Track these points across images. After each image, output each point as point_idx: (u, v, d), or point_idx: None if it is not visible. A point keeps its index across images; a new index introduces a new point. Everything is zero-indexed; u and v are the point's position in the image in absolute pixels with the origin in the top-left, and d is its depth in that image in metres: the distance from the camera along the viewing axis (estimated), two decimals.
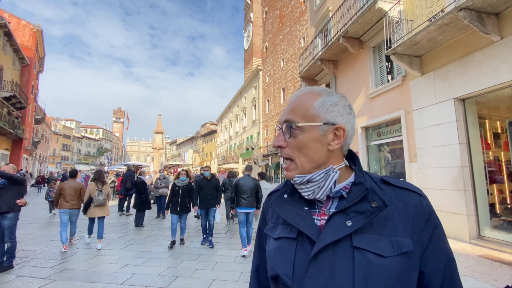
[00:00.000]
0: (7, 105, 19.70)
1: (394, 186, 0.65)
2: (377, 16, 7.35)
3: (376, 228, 0.59)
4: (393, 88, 7.31)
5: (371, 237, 0.58)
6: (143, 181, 7.71)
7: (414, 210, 0.61)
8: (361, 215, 0.59)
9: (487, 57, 4.80)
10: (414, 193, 0.64)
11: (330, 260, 0.58)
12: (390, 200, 0.62)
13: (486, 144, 5.60)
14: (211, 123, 55.14)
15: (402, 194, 0.64)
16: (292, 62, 19.28)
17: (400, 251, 0.57)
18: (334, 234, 0.58)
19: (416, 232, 0.60)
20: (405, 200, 0.63)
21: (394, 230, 0.59)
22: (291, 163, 0.67)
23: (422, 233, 0.61)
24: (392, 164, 7.63)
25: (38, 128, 33.90)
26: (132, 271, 4.00)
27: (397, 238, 0.58)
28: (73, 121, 70.20)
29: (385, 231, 0.59)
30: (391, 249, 0.57)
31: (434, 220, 0.63)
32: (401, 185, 0.66)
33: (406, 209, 0.61)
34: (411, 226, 0.60)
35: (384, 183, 0.67)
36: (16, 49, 21.19)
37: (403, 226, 0.60)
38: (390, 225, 0.60)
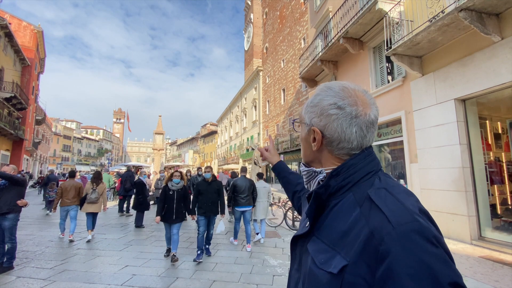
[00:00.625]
0: (8, 106, 19.72)
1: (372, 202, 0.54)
2: (378, 16, 7.35)
3: (331, 239, 0.56)
4: (393, 89, 7.30)
5: (321, 245, 0.58)
6: (141, 182, 7.71)
7: (369, 235, 0.49)
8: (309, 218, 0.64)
9: (488, 58, 4.80)
10: (381, 215, 0.51)
11: (299, 250, 0.66)
12: (359, 216, 0.54)
13: (487, 144, 5.59)
14: (212, 123, 55.17)
15: (371, 212, 0.53)
16: (292, 63, 19.29)
17: (328, 268, 0.53)
18: (299, 230, 0.68)
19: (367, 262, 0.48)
20: (367, 221, 0.52)
21: (344, 247, 0.53)
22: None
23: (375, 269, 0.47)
24: (392, 165, 7.62)
25: (39, 129, 33.93)
26: (132, 272, 3.99)
27: (339, 256, 0.52)
28: (73, 121, 70.27)
29: (337, 245, 0.54)
30: (328, 264, 0.54)
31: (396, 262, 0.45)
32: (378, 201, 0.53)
33: (362, 230, 0.51)
34: (359, 252, 0.50)
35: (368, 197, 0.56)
36: (17, 50, 21.23)
37: (352, 248, 0.51)
38: (344, 241, 0.54)
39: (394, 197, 0.54)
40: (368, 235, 0.49)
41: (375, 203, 0.53)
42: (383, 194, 0.55)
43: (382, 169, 0.65)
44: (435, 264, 0.44)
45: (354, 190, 0.59)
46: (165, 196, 4.63)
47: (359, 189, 0.59)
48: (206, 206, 4.77)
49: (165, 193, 4.68)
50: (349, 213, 0.56)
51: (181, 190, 4.75)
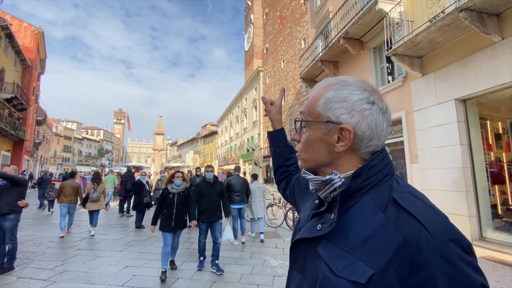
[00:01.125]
0: (9, 106, 19.75)
1: (400, 207, 0.52)
2: (378, 17, 7.35)
3: (349, 244, 0.53)
4: (394, 89, 7.30)
5: (336, 251, 0.54)
6: (139, 182, 7.72)
7: (402, 244, 0.47)
8: (327, 223, 0.58)
9: (488, 58, 4.79)
10: (416, 223, 0.48)
11: (303, 253, 0.63)
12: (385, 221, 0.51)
13: (488, 145, 5.58)
14: (212, 124, 55.20)
15: (401, 219, 0.50)
16: (292, 63, 19.29)
17: (351, 277, 0.49)
18: (305, 232, 0.63)
19: (397, 271, 0.46)
20: (398, 228, 0.49)
21: (367, 254, 0.50)
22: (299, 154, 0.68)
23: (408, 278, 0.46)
24: (393, 165, 7.62)
25: (39, 129, 33.98)
26: (132, 272, 3.99)
27: (362, 263, 0.49)
28: (74, 122, 70.38)
29: (358, 251, 0.51)
30: (349, 271, 0.50)
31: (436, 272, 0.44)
32: (409, 208, 0.50)
33: (391, 238, 0.49)
34: (388, 261, 0.47)
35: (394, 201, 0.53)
36: (17, 51, 21.27)
37: (378, 256, 0.48)
38: (366, 248, 0.50)
39: (424, 202, 0.52)
40: (400, 243, 0.47)
41: (404, 208, 0.51)
42: (411, 199, 0.53)
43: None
44: (472, 274, 0.45)
45: (372, 193, 0.56)
46: (164, 200, 4.04)
47: (377, 192, 0.56)
48: (209, 211, 4.15)
49: (163, 196, 4.07)
50: (370, 217, 0.53)
51: (183, 193, 4.17)
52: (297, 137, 0.69)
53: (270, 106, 1.05)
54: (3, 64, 18.90)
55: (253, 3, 35.68)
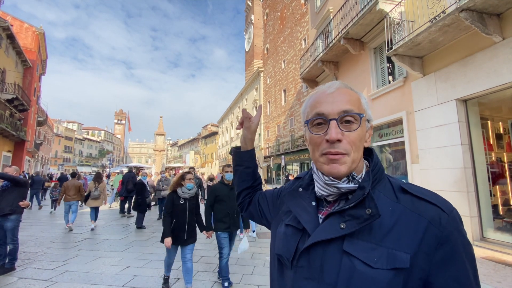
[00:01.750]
0: (10, 107, 19.80)
1: (412, 195, 0.59)
2: (378, 17, 7.35)
3: (375, 236, 0.56)
4: (394, 89, 7.30)
5: (365, 245, 0.56)
6: (141, 182, 7.74)
7: (428, 226, 0.55)
8: (355, 220, 0.58)
9: (489, 58, 4.79)
10: (434, 206, 0.57)
11: (320, 256, 0.59)
12: (403, 210, 0.57)
13: (489, 145, 5.57)
14: (213, 124, 55.23)
15: (419, 206, 0.58)
16: (293, 64, 19.30)
17: (392, 265, 0.53)
18: (325, 233, 0.59)
19: (424, 250, 0.54)
20: (420, 213, 0.57)
21: (396, 242, 0.55)
22: (343, 156, 0.61)
23: (433, 254, 0.54)
24: (394, 165, 7.61)
25: (40, 130, 34.05)
26: (133, 273, 4.00)
27: (395, 251, 0.54)
28: (75, 123, 70.52)
29: (385, 241, 0.55)
30: (384, 261, 0.53)
31: (456, 242, 0.55)
32: (421, 195, 0.59)
33: (418, 223, 0.55)
34: (418, 243, 0.54)
35: (403, 191, 0.61)
36: (18, 52, 21.32)
37: (408, 241, 0.54)
38: (393, 236, 0.55)
39: (426, 189, 0.62)
40: (426, 226, 0.55)
41: (418, 196, 0.59)
42: (415, 187, 0.62)
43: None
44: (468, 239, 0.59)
45: (378, 187, 0.62)
46: (173, 206, 3.35)
47: (381, 185, 0.63)
48: (229, 219, 3.52)
49: (172, 202, 3.36)
50: (386, 208, 0.58)
51: (193, 198, 3.55)
52: (340, 136, 0.61)
53: (249, 122, 0.97)
54: (4, 65, 18.95)
55: (253, 3, 35.72)
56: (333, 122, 0.61)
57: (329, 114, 0.62)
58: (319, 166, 0.64)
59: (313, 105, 0.66)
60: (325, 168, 0.62)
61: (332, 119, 0.61)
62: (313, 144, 0.65)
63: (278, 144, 20.66)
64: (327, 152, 0.62)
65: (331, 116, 0.62)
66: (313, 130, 0.65)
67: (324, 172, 0.63)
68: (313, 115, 0.65)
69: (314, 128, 0.65)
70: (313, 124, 0.65)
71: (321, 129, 0.63)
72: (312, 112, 0.65)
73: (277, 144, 20.98)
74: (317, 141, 0.64)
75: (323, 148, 0.62)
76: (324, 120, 0.63)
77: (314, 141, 0.64)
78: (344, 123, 0.62)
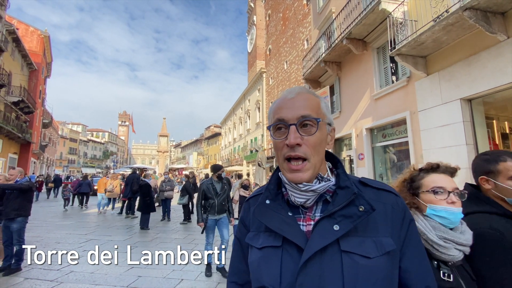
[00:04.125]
0: (16, 109, 20.06)
1: (372, 188, 0.67)
2: (381, 17, 7.32)
3: (359, 230, 0.61)
4: (398, 89, 7.26)
5: (356, 240, 0.59)
6: (147, 184, 7.77)
7: (392, 210, 0.64)
8: (348, 219, 0.59)
9: (494, 57, 4.74)
10: (390, 193, 0.67)
11: (318, 266, 0.57)
12: (366, 202, 0.62)
13: (494, 145, 5.51)
14: (215, 125, 55.33)
15: (380, 195, 0.66)
16: (295, 64, 19.29)
17: (383, 251, 0.59)
18: (322, 240, 0.58)
19: (395, 230, 0.63)
20: (384, 201, 0.65)
21: (375, 231, 0.61)
22: (304, 163, 0.61)
23: (400, 231, 0.63)
24: (397, 165, 7.56)
25: (46, 132, 34.41)
26: (137, 273, 4.02)
27: (379, 238, 0.60)
28: (79, 124, 71.12)
29: (367, 232, 0.61)
30: (375, 249, 0.59)
31: (409, 217, 0.67)
32: (379, 186, 0.68)
33: (385, 210, 0.63)
34: (390, 226, 0.62)
35: (363, 184, 0.68)
36: (24, 55, 21.61)
37: (383, 227, 0.62)
38: (372, 227, 0.61)
39: (376, 180, 0.72)
40: (391, 211, 0.64)
41: (376, 187, 0.67)
42: (371, 180, 0.70)
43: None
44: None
45: (339, 184, 0.66)
46: None
47: (341, 181, 0.66)
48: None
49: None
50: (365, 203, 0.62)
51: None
52: (300, 140, 0.62)
53: None
54: (10, 68, 19.21)
55: (255, 4, 35.78)
56: (292, 127, 0.62)
57: (289, 120, 0.63)
58: (283, 173, 0.66)
59: (275, 111, 0.67)
60: (288, 176, 0.63)
61: (292, 124, 0.62)
62: (276, 148, 0.66)
63: None
64: (288, 156, 0.62)
65: (291, 121, 0.63)
66: (275, 135, 0.65)
67: (287, 179, 0.64)
68: (275, 121, 0.65)
69: (276, 133, 0.66)
70: (275, 129, 0.66)
71: (282, 134, 0.64)
72: (274, 117, 0.66)
73: None
74: (279, 145, 0.64)
75: (284, 152, 0.63)
76: (284, 125, 0.64)
77: (277, 146, 0.65)
78: (303, 127, 0.63)
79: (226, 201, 4.23)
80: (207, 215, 4.06)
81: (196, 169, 35.48)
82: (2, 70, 16.75)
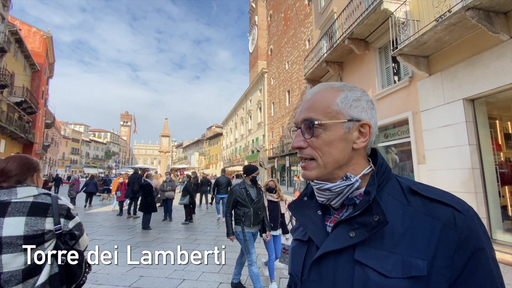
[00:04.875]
0: (18, 110, 20.19)
1: (423, 197, 0.55)
2: (383, 17, 7.30)
3: (387, 243, 0.53)
4: (400, 89, 7.24)
5: (377, 253, 0.53)
6: (148, 184, 7.79)
7: (443, 229, 0.51)
8: (364, 227, 0.55)
9: (496, 57, 4.72)
10: (448, 207, 0.53)
11: (332, 267, 0.57)
12: (415, 213, 0.54)
13: (497, 145, 5.48)
14: (217, 126, 55.42)
15: (431, 208, 0.53)
16: (297, 65, 19.27)
17: (409, 274, 0.49)
18: (335, 243, 0.57)
19: (442, 255, 0.50)
20: (433, 215, 0.52)
21: (410, 249, 0.51)
22: (311, 162, 0.62)
23: (452, 258, 0.49)
24: (400, 166, 7.54)
25: (48, 132, 34.61)
26: (139, 273, 4.03)
27: (411, 258, 0.50)
28: (81, 125, 71.49)
29: (398, 248, 0.52)
30: (400, 270, 0.50)
31: (475, 244, 0.50)
32: (433, 196, 0.55)
33: (432, 226, 0.52)
34: (434, 248, 0.50)
35: (413, 193, 0.57)
36: (27, 56, 21.74)
37: (423, 246, 0.51)
38: (407, 243, 0.52)
39: (437, 189, 0.58)
40: (441, 228, 0.51)
41: (428, 197, 0.55)
42: (425, 187, 0.57)
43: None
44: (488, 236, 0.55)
45: (387, 189, 0.59)
46: None
47: (390, 187, 0.59)
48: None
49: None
50: (397, 212, 0.55)
51: None
52: (302, 143, 0.63)
53: None
54: (13, 69, 19.32)
55: (257, 5, 35.81)
56: (298, 130, 0.64)
57: (297, 123, 0.65)
58: None
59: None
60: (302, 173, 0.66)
61: (299, 128, 0.65)
62: None
63: (282, 145, 20.63)
64: (299, 156, 0.66)
65: (298, 124, 0.65)
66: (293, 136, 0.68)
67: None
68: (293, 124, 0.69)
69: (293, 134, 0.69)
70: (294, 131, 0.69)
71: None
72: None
73: (281, 145, 20.95)
74: None
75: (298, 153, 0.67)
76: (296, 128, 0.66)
77: None
78: (308, 129, 0.62)
79: (261, 209, 3.57)
80: (243, 227, 3.37)
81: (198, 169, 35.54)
82: (5, 70, 16.86)
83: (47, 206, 1.21)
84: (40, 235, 1.16)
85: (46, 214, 1.19)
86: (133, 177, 9.48)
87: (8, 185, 1.20)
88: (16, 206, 1.15)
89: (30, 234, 1.13)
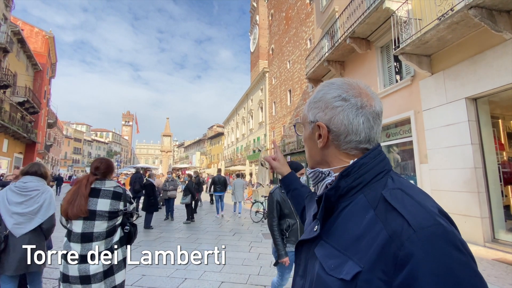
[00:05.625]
0: (21, 110, 20.29)
1: (387, 203, 0.51)
2: (385, 16, 7.27)
3: (343, 244, 0.53)
4: (402, 88, 7.21)
5: (331, 250, 0.54)
6: (151, 183, 7.82)
7: (388, 240, 0.46)
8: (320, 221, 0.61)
9: (499, 56, 4.69)
10: (402, 219, 0.46)
11: (305, 256, 0.64)
12: (374, 219, 0.50)
13: (500, 144, 5.46)
14: (218, 125, 55.44)
15: (388, 216, 0.49)
16: (298, 64, 19.24)
17: (339, 275, 0.49)
18: (305, 234, 0.65)
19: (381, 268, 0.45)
20: (386, 225, 0.48)
21: (357, 253, 0.49)
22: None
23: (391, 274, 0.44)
24: (402, 165, 7.51)
25: (51, 132, 34.76)
26: (141, 272, 4.04)
27: (351, 261, 0.49)
28: (83, 124, 71.73)
29: (350, 250, 0.51)
30: (338, 269, 0.50)
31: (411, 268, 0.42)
32: (395, 204, 0.49)
33: (380, 235, 0.47)
34: (375, 258, 0.46)
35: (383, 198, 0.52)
36: (29, 56, 21.83)
37: (366, 253, 0.48)
38: (358, 246, 0.50)
39: (412, 198, 0.50)
40: (386, 240, 0.46)
41: (392, 205, 0.49)
42: (400, 195, 0.51)
43: (393, 169, 0.61)
44: (461, 272, 0.41)
45: (366, 192, 0.55)
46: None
47: (370, 190, 0.55)
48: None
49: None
50: (362, 216, 0.53)
51: None
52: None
53: (274, 162, 1.13)
54: (15, 69, 19.42)
55: (258, 4, 35.76)
56: None
57: None
58: None
59: None
60: None
61: None
62: None
63: (284, 144, 20.61)
64: None
65: None
66: None
67: None
68: None
69: None
70: None
71: None
72: None
73: (283, 145, 20.93)
74: None
75: None
76: None
77: None
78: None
79: None
80: (285, 244, 2.52)
81: (199, 169, 35.67)
82: (7, 70, 16.94)
83: (121, 194, 1.91)
84: (116, 212, 1.88)
85: (120, 199, 1.90)
86: (134, 176, 9.51)
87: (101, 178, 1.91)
88: (104, 192, 1.85)
89: (111, 210, 1.84)
